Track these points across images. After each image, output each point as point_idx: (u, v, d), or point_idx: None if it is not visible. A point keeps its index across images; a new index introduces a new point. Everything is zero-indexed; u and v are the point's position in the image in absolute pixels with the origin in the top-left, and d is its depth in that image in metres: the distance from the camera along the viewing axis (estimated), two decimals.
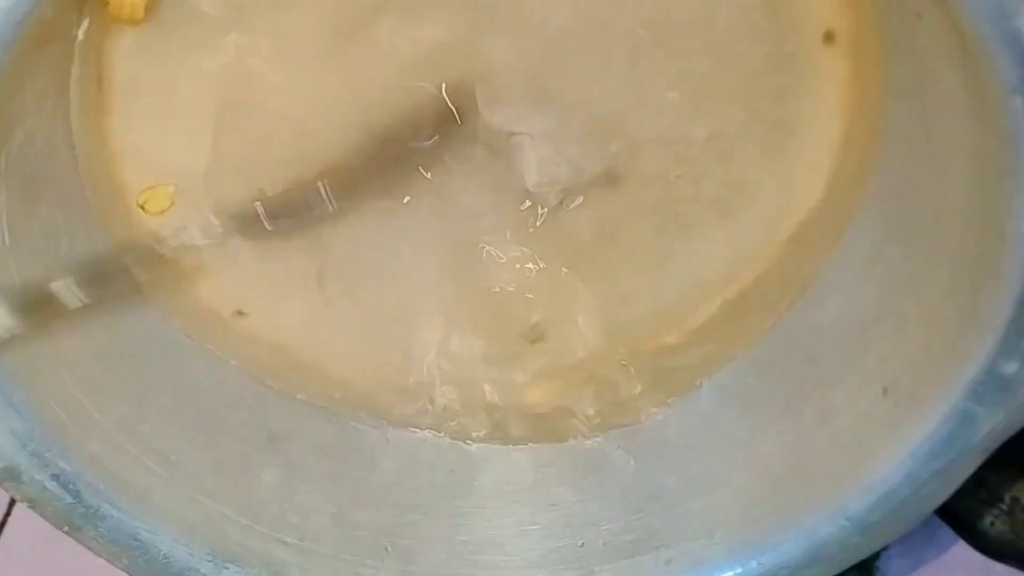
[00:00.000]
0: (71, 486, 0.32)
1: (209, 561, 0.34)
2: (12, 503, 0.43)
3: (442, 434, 0.38)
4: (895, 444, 0.31)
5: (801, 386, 0.36)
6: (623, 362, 0.38)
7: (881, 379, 0.33)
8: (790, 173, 0.36)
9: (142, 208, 0.36)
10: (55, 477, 0.32)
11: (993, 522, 0.43)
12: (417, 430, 0.38)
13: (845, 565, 0.34)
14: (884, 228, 0.34)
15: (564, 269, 0.38)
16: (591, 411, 0.38)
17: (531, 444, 0.38)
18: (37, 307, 0.32)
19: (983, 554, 0.42)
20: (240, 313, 0.38)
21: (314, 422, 0.38)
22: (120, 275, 0.35)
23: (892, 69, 0.33)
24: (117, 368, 0.35)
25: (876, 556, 0.34)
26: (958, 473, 0.31)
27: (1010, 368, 0.28)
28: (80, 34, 0.33)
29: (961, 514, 0.42)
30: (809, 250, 0.37)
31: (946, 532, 0.42)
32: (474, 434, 0.38)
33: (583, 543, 0.36)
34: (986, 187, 0.28)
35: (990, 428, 0.30)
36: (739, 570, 0.34)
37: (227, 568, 0.34)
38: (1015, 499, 0.43)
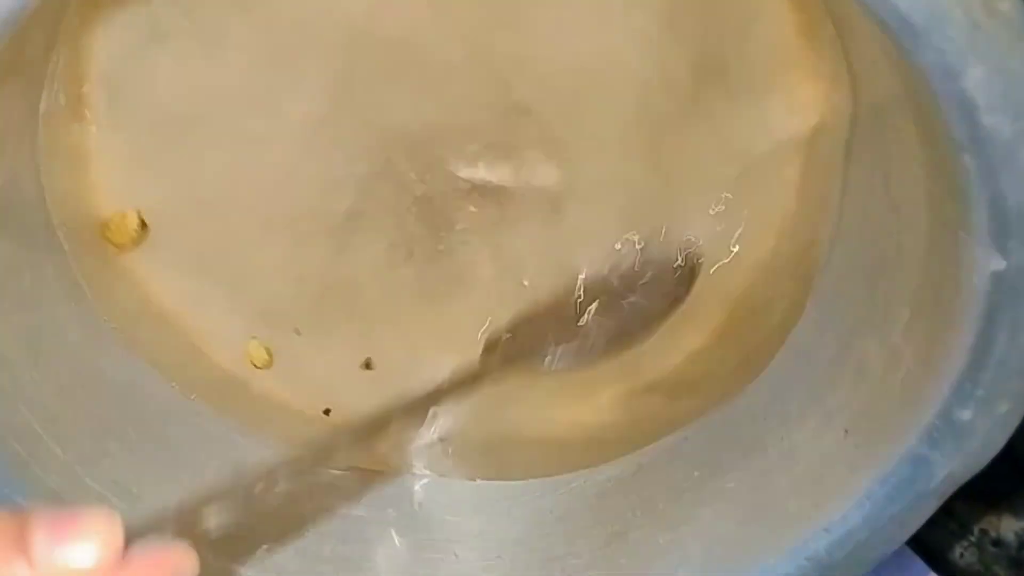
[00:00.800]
0: None
1: None
2: None
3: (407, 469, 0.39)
4: (854, 485, 0.31)
5: (766, 424, 0.36)
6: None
7: (843, 420, 0.33)
8: (755, 207, 0.36)
9: (107, 239, 0.36)
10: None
11: (963, 554, 0.43)
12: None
13: None
14: (848, 269, 0.34)
15: None
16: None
17: (496, 479, 0.38)
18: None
19: None
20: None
21: (279, 453, 0.38)
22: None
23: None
24: (79, 401, 0.35)
25: None
26: (915, 517, 0.31)
27: (964, 415, 0.28)
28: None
29: (932, 545, 0.43)
30: (777, 290, 0.37)
31: (918, 563, 0.42)
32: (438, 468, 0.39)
33: None
34: (941, 237, 0.28)
35: (946, 473, 0.30)
36: None
37: None
38: (984, 531, 0.43)
